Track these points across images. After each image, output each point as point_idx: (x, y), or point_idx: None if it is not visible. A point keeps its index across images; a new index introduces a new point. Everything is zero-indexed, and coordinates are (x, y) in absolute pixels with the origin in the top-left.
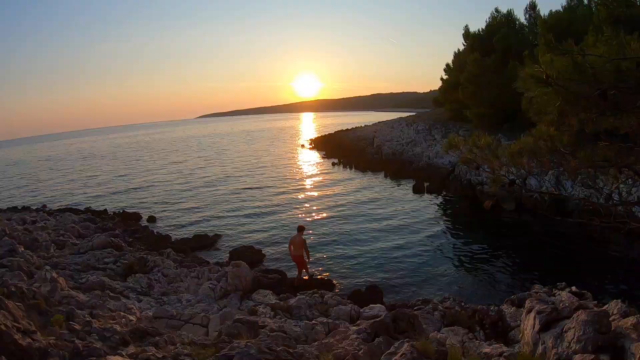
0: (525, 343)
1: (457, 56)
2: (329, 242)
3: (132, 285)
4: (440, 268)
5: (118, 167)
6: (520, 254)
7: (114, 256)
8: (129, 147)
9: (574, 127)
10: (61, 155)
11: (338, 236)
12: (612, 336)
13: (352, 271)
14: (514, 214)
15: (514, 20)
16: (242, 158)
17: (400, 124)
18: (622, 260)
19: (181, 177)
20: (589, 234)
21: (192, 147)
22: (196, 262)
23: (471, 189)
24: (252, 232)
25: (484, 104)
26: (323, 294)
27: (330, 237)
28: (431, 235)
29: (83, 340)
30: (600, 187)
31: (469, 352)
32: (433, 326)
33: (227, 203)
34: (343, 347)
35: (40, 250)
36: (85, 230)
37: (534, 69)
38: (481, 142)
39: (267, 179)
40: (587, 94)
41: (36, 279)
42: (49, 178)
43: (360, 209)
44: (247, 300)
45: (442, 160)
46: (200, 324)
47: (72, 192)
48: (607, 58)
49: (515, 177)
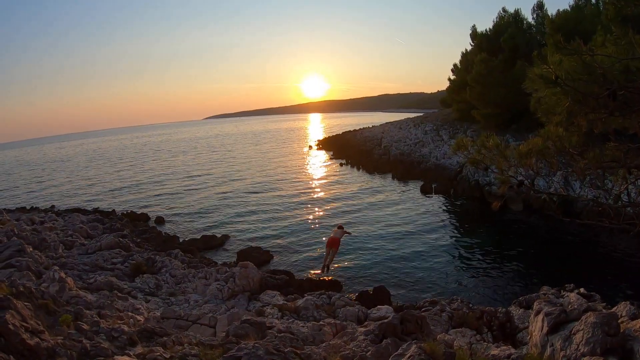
0: (533, 345)
1: (465, 56)
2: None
3: (140, 286)
4: (447, 269)
5: (126, 168)
6: (528, 255)
7: (122, 256)
8: (137, 149)
9: (582, 127)
10: (69, 156)
11: (345, 238)
12: (620, 338)
13: (359, 272)
14: (522, 215)
15: (521, 20)
16: (249, 159)
17: (407, 125)
18: (630, 262)
19: (189, 178)
20: (597, 236)
21: (200, 148)
22: (204, 262)
23: (479, 190)
24: (259, 232)
25: (492, 104)
26: (330, 295)
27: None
28: (438, 236)
29: (91, 340)
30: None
31: (477, 354)
32: (441, 327)
33: (234, 204)
34: (351, 348)
35: (48, 250)
36: (94, 230)
37: (543, 69)
38: (489, 143)
39: (274, 180)
40: (596, 94)
41: (44, 279)
42: (58, 179)
43: (368, 211)
44: (255, 301)
45: (449, 161)
46: (207, 325)
47: (80, 192)
48: (616, 58)
49: (523, 177)
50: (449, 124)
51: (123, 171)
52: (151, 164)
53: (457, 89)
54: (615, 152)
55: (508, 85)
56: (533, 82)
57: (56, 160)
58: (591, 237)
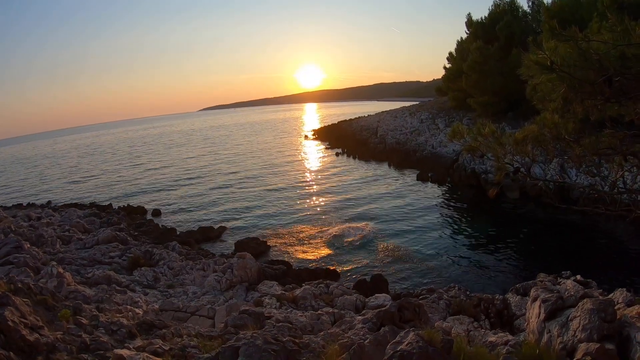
0: (530, 332)
1: (460, 44)
2: (332, 233)
3: (138, 279)
4: (444, 257)
5: (121, 162)
6: (525, 243)
7: (119, 250)
8: (132, 142)
9: (578, 114)
10: (64, 151)
11: (341, 227)
12: (617, 325)
13: (357, 261)
14: (519, 203)
15: (517, 8)
16: (245, 150)
17: (403, 114)
18: (627, 249)
19: (185, 171)
20: (593, 223)
21: (195, 140)
22: (201, 254)
23: (475, 178)
24: (256, 223)
25: (488, 92)
26: (328, 284)
27: (333, 228)
28: (435, 224)
29: (90, 334)
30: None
31: (475, 341)
32: (439, 315)
33: (231, 195)
34: (349, 336)
35: (46, 246)
36: (91, 225)
37: (538, 55)
38: (485, 131)
39: (270, 171)
40: (591, 81)
41: (43, 275)
42: (53, 174)
43: (365, 200)
44: (253, 291)
45: (445, 149)
46: (206, 316)
47: (77, 187)
48: (612, 44)
49: (519, 165)
50: (445, 112)
51: (119, 165)
52: (147, 157)
53: (453, 78)
54: (611, 140)
55: (504, 73)
56: (529, 69)
57: (51, 156)
58: (587, 225)
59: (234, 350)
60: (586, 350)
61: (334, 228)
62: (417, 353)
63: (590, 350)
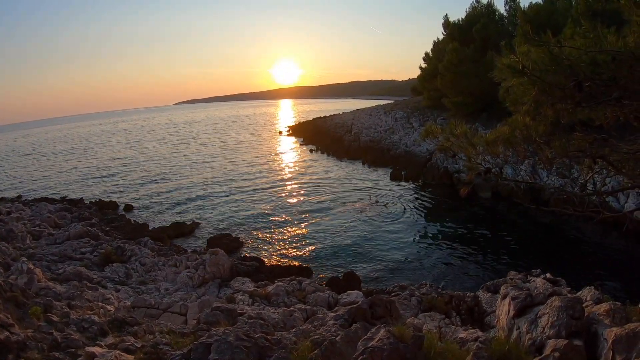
0: (500, 328)
1: (437, 45)
2: (305, 230)
3: (109, 275)
4: (417, 255)
5: (93, 156)
6: (496, 241)
7: (91, 246)
8: (105, 136)
9: (549, 117)
10: (35, 144)
11: (314, 224)
12: (585, 322)
13: (329, 258)
14: (491, 202)
15: (494, 11)
16: (219, 145)
17: (378, 112)
18: (595, 249)
19: (159, 165)
20: (564, 223)
21: (169, 134)
22: (174, 250)
23: (448, 177)
24: (229, 219)
25: (462, 93)
26: (301, 281)
27: (306, 225)
28: (408, 222)
29: (61, 331)
30: (575, 177)
31: (446, 337)
32: (410, 312)
33: (204, 191)
34: (321, 333)
35: (16, 241)
36: (62, 219)
37: (511, 59)
38: (458, 131)
39: (244, 167)
40: (562, 85)
41: (12, 271)
42: (24, 168)
43: (337, 197)
44: (226, 287)
45: (419, 148)
46: (178, 313)
47: (48, 181)
48: (584, 50)
49: (491, 165)
50: (420, 111)
51: (90, 159)
52: (120, 151)
53: (429, 77)
54: (581, 142)
55: (479, 74)
56: (501, 72)
57: (21, 148)
58: (557, 225)
59: (206, 346)
60: (555, 346)
61: (307, 225)
62: (387, 349)
63: (558, 346)
